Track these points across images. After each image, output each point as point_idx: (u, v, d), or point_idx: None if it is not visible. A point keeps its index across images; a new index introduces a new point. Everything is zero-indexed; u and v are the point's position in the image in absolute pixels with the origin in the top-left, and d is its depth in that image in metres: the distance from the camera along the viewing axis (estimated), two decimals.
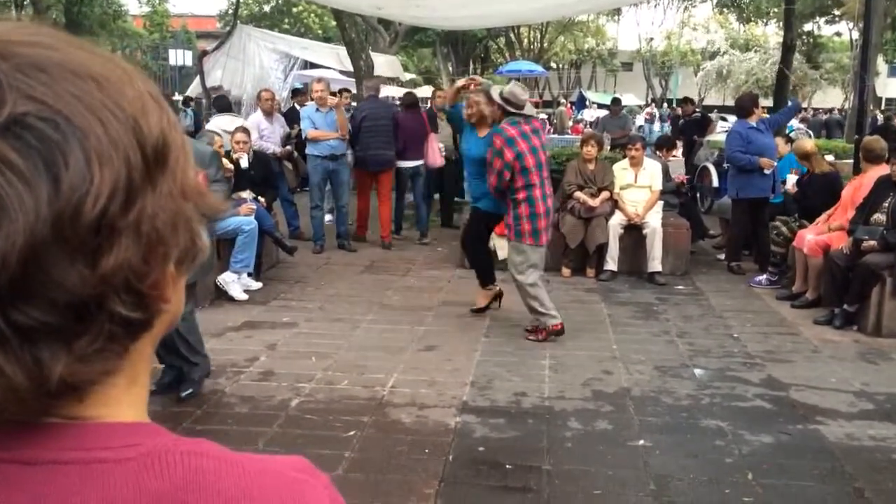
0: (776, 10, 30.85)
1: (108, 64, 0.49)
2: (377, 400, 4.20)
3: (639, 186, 7.22)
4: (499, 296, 5.96)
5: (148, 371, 0.55)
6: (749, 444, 3.74)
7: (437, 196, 9.65)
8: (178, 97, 21.15)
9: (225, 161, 6.54)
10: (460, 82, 5.96)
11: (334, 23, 20.23)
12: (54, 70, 0.46)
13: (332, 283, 6.81)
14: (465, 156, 5.80)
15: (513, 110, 5.11)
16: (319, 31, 30.48)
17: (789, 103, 9.83)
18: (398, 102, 10.58)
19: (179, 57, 28.56)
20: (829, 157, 9.45)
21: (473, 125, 5.60)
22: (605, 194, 7.19)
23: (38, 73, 0.45)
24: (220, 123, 7.76)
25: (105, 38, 30.28)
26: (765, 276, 7.01)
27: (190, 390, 4.12)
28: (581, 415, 4.05)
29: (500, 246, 6.40)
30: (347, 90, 11.00)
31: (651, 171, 7.27)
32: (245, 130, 7.19)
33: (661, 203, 7.35)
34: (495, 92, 5.37)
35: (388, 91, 21.57)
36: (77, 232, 0.44)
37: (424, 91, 24.19)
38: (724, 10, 40.53)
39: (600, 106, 26.21)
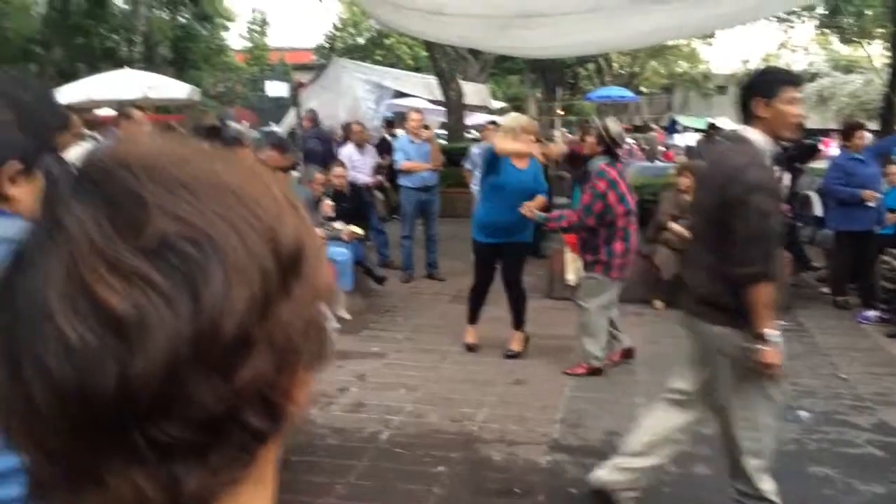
0: (881, 30, 29.53)
1: (248, 175, 0.50)
2: (466, 435, 4.17)
3: None
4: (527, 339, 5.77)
5: (273, 469, 0.55)
6: (860, 495, 3.52)
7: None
8: (275, 127, 21.88)
9: (329, 202, 6.70)
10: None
11: (425, 53, 20.62)
12: (197, 187, 0.47)
13: (420, 313, 6.84)
14: (511, 188, 5.32)
15: (617, 150, 5.10)
16: (411, 62, 31.07)
17: None
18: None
19: (276, 89, 29.59)
20: None
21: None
22: None
23: (182, 191, 0.46)
24: None
25: (208, 71, 31.78)
26: (874, 311, 6.63)
27: None
28: (678, 457, 3.89)
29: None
30: (494, 123, 10.72)
31: None
32: (343, 164, 7.43)
33: None
34: (601, 127, 5.26)
35: (477, 119, 21.74)
36: (215, 349, 0.44)
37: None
38: (826, 31, 39.11)
39: (696, 130, 25.56)
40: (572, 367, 5.22)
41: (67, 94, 13.06)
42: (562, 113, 37.16)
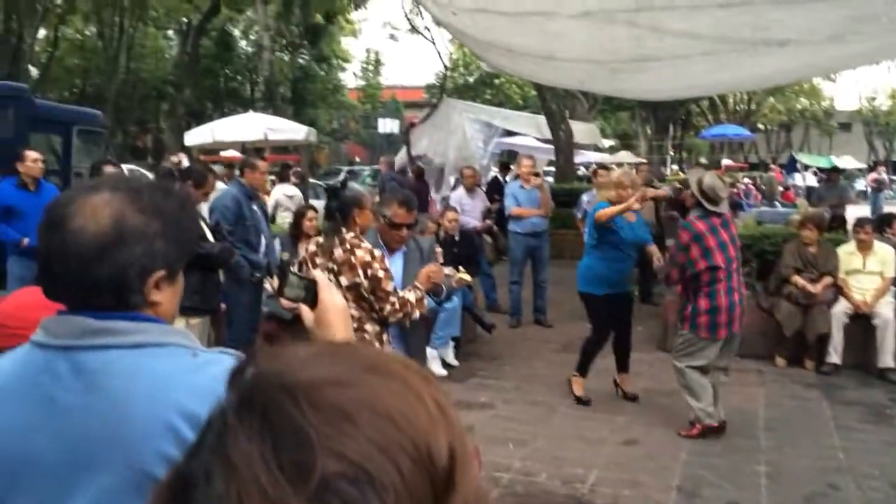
0: None
1: (401, 390, 0.51)
2: (577, 499, 4.05)
3: (868, 273, 6.58)
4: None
5: None
6: None
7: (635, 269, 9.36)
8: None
9: (437, 249, 6.76)
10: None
11: (534, 92, 20.67)
12: (357, 416, 0.47)
13: (528, 362, 6.76)
14: (628, 241, 5.59)
15: (707, 205, 4.89)
16: (520, 101, 31.26)
17: None
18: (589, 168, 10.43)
19: (387, 126, 30.44)
20: None
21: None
22: (827, 280, 6.61)
23: (343, 422, 0.47)
24: (283, 190, 9.47)
25: (324, 109, 33.03)
26: None
27: None
28: None
29: None
30: (603, 167, 10.37)
31: (883, 256, 6.60)
32: (455, 209, 7.48)
33: (894, 290, 6.64)
34: (693, 181, 5.12)
35: (586, 157, 21.54)
36: None
37: (622, 156, 23.70)
38: None
39: (820, 170, 24.32)
40: (687, 429, 5.01)
41: (196, 136, 13.85)
42: (673, 151, 36.39)
